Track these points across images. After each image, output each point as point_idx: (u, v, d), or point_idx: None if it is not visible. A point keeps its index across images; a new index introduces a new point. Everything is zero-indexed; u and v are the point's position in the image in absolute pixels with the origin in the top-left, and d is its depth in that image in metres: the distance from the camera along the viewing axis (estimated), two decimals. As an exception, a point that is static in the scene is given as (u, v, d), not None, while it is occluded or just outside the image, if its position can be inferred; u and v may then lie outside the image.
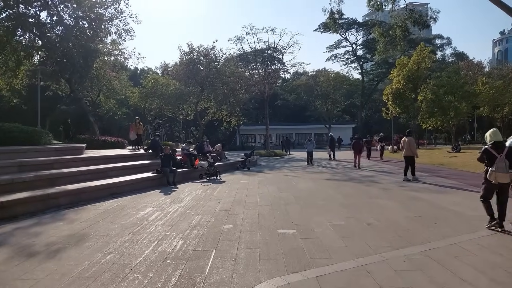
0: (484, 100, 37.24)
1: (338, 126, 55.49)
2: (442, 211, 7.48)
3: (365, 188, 10.96)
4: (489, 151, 5.97)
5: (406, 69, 34.34)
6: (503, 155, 5.80)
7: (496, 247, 5.15)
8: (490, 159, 5.94)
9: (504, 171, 5.73)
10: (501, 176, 5.75)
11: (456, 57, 65.95)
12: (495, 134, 6.11)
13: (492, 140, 6.04)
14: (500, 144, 5.99)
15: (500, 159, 5.78)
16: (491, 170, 5.84)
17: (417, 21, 20.28)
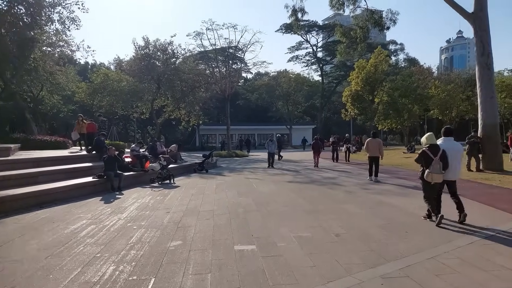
0: (436, 103, 38.87)
1: (299, 127, 55.74)
2: (411, 218, 6.96)
3: (328, 192, 10.35)
4: (426, 153, 6.31)
5: (364, 72, 34.92)
6: (438, 157, 6.17)
7: (477, 260, 4.60)
8: (427, 160, 6.29)
9: (439, 172, 6.18)
10: (436, 176, 6.20)
11: (409, 62, 69.03)
12: (430, 137, 6.48)
13: (428, 143, 6.40)
14: (435, 146, 6.33)
15: (435, 160, 6.17)
16: (428, 171, 6.22)
17: (377, 22, 20.36)
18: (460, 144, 6.88)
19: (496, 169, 13.46)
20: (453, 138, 6.65)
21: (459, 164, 6.55)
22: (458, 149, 6.58)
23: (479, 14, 14.21)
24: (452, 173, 6.45)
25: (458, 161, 6.51)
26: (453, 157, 6.34)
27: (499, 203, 8.04)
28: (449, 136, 6.59)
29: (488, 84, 14.11)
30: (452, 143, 6.56)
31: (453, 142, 6.64)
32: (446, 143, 6.51)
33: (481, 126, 14.18)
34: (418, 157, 6.53)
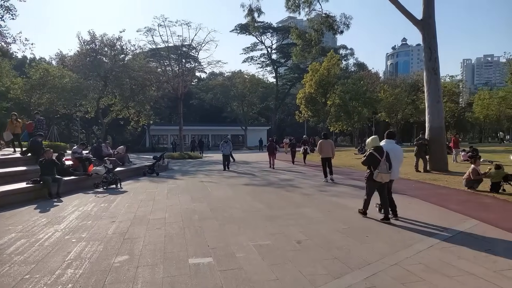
0: (384, 106, 40.84)
1: (253, 128, 55.74)
2: (369, 221, 6.87)
3: (286, 195, 10.12)
4: (374, 155, 6.60)
5: (318, 75, 35.68)
6: (384, 158, 6.52)
7: (439, 266, 4.52)
8: (374, 162, 6.58)
9: (386, 172, 6.53)
10: (385, 176, 6.52)
11: (358, 67, 72.21)
12: (375, 140, 6.80)
13: (373, 145, 6.71)
14: (379, 148, 6.65)
15: (382, 161, 6.50)
16: (377, 172, 6.52)
17: (331, 26, 20.73)
18: (399, 146, 7.38)
19: (441, 170, 14.16)
20: (395, 140, 7.20)
21: (399, 164, 7.08)
22: (399, 151, 7.09)
23: (428, 21, 14.89)
24: (394, 173, 6.92)
25: (398, 162, 6.99)
26: (394, 158, 6.77)
27: (449, 203, 8.29)
28: (391, 138, 7.09)
29: (435, 89, 14.83)
30: (393, 145, 7.02)
31: (394, 144, 7.14)
32: (388, 145, 6.90)
33: (428, 128, 14.85)
34: (366, 159, 6.76)
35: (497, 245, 5.24)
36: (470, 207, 7.85)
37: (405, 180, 12.68)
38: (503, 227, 6.15)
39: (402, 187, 10.88)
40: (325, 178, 12.66)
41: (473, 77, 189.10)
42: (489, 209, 7.69)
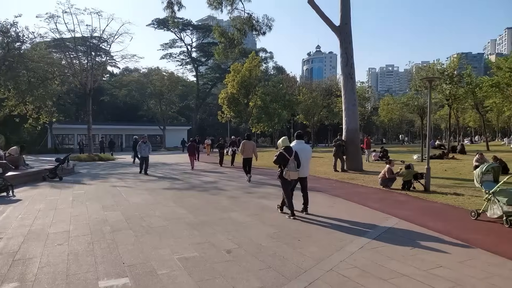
0: (303, 109, 42.67)
1: (173, 128, 53.59)
2: (299, 223, 6.69)
3: (212, 198, 9.53)
4: (284, 154, 7.04)
5: (239, 75, 35.66)
6: (292, 157, 6.99)
7: (373, 268, 4.43)
8: (284, 160, 7.01)
9: (294, 170, 7.00)
10: (293, 173, 7.00)
11: (277, 70, 74.61)
12: (285, 141, 7.28)
13: (284, 145, 7.17)
14: (289, 148, 7.14)
15: (291, 160, 6.97)
16: (286, 170, 6.95)
17: (254, 27, 20.72)
18: (309, 146, 7.94)
19: (357, 169, 15.01)
20: (304, 141, 7.80)
21: (308, 162, 7.65)
22: (308, 150, 7.68)
23: (345, 27, 15.68)
24: (304, 170, 7.47)
25: (308, 160, 7.58)
26: (303, 157, 7.31)
27: (369, 202, 8.60)
28: (300, 139, 7.67)
29: (351, 93, 15.69)
30: (302, 145, 7.60)
31: (304, 144, 7.73)
32: (298, 145, 7.48)
33: (345, 130, 15.65)
34: (277, 158, 7.13)
35: (419, 242, 5.40)
36: (388, 205, 8.23)
37: (326, 179, 13.10)
38: (420, 223, 6.46)
39: (325, 187, 11.16)
40: (247, 177, 12.82)
41: (377, 84, 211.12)
42: (404, 206, 8.15)
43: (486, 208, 6.46)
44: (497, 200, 6.16)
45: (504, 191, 6.12)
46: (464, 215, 7.04)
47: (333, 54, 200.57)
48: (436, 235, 5.74)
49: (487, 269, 4.29)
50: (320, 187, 11.19)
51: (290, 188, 7.23)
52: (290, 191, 7.32)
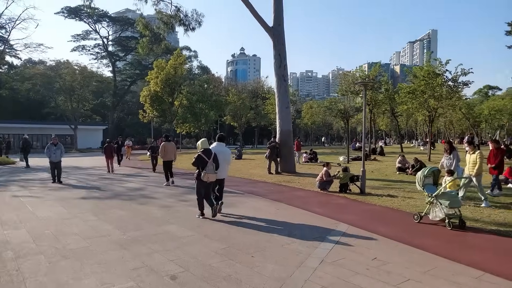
0: (232, 110, 42.16)
1: (86, 128, 48.78)
2: (248, 235, 6.05)
3: (141, 209, 8.35)
4: (202, 157, 7.03)
5: (164, 73, 33.74)
6: (211, 159, 7.02)
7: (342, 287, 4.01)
8: (202, 163, 7.00)
9: (213, 172, 7.03)
10: (212, 176, 7.02)
11: (202, 70, 73.24)
12: (204, 143, 7.29)
13: (203, 147, 7.17)
14: (208, 150, 7.17)
15: (210, 162, 6.99)
16: (204, 172, 6.93)
17: (182, 21, 19.53)
18: (228, 149, 8.06)
19: (290, 171, 14.94)
20: (225, 143, 7.95)
21: (227, 165, 7.78)
22: (227, 153, 7.76)
23: (278, 28, 15.53)
24: (223, 172, 7.57)
25: (227, 162, 7.71)
26: (222, 159, 7.40)
27: (312, 206, 8.35)
28: (221, 141, 7.77)
29: (284, 95, 15.60)
30: (222, 148, 7.68)
31: (224, 146, 7.82)
32: (218, 147, 7.57)
33: (279, 132, 15.50)
34: (195, 160, 7.07)
35: (377, 251, 5.17)
36: (332, 210, 8.06)
37: (262, 182, 12.70)
38: (369, 229, 6.32)
39: (263, 191, 10.70)
40: (166, 182, 12.21)
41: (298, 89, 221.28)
42: (348, 210, 8.05)
43: (428, 211, 6.59)
44: (439, 203, 6.29)
45: (446, 194, 6.28)
46: (406, 218, 7.14)
47: (257, 57, 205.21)
48: (391, 242, 5.59)
49: (453, 278, 4.15)
50: (258, 191, 10.71)
51: (205, 190, 7.19)
52: (208, 193, 7.36)
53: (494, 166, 9.24)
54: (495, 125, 41.89)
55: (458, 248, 5.28)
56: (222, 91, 49.59)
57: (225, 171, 7.78)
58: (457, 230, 6.09)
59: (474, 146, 8.63)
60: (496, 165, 9.22)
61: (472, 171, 8.28)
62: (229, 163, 7.93)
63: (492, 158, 9.41)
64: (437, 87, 17.82)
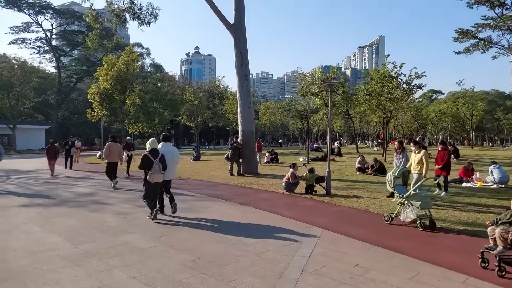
0: (189, 109, 40.94)
1: (26, 127, 44.88)
2: (218, 244, 5.57)
3: (94, 217, 7.51)
4: (148, 157, 6.84)
5: (115, 69, 31.83)
6: (158, 160, 6.85)
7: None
8: (148, 163, 6.82)
9: (159, 173, 6.86)
10: (157, 176, 6.84)
11: (155, 68, 70.73)
12: (153, 143, 7.11)
13: (151, 147, 7.00)
14: (155, 151, 6.99)
15: (156, 163, 6.82)
16: (150, 173, 6.75)
17: (137, 14, 18.41)
18: (176, 149, 8.00)
19: (253, 173, 14.60)
20: (171, 143, 7.86)
21: (175, 165, 7.58)
22: (175, 153, 7.59)
23: (239, 26, 15.13)
24: (170, 173, 7.37)
25: (175, 162, 7.53)
26: (170, 159, 7.23)
27: (281, 209, 8.05)
28: (167, 141, 7.55)
29: (246, 94, 15.23)
30: (169, 147, 7.52)
31: (171, 146, 7.70)
32: (165, 147, 7.36)
33: (241, 133, 15.09)
34: (141, 162, 6.90)
35: (356, 257, 4.95)
36: (301, 212, 7.81)
37: (225, 185, 12.21)
38: (342, 232, 6.14)
39: (227, 194, 10.23)
40: (112, 181, 11.68)
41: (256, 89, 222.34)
42: (317, 212, 7.85)
43: (399, 212, 6.56)
44: (410, 204, 6.27)
45: (417, 195, 6.27)
46: (376, 219, 7.08)
47: (212, 56, 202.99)
48: (367, 245, 5.41)
49: (440, 284, 4.02)
50: (222, 194, 10.23)
51: (154, 191, 7.00)
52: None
53: (441, 166, 9.50)
54: (439, 126, 45.02)
55: (434, 250, 5.23)
56: (177, 90, 48.11)
57: (173, 172, 7.56)
58: (428, 231, 6.09)
59: (419, 146, 8.70)
60: (443, 166, 9.48)
61: (416, 170, 8.29)
62: (177, 163, 7.74)
63: (439, 159, 9.69)
64: (393, 89, 18.54)
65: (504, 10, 18.29)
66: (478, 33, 19.58)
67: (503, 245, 4.20)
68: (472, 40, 19.89)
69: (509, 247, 4.16)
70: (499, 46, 19.19)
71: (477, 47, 20.04)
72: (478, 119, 40.55)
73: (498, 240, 4.27)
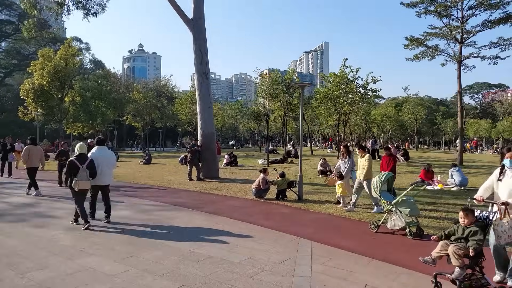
0: (137, 108, 38.53)
1: None
2: (203, 266, 4.81)
3: (40, 234, 6.27)
4: (74, 163, 6.56)
5: (52, 64, 28.86)
6: (85, 165, 6.58)
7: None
8: (74, 170, 6.51)
9: (86, 179, 6.56)
10: (83, 183, 6.52)
11: (95, 64, 66.29)
12: (82, 147, 6.85)
13: (79, 152, 6.74)
14: (83, 156, 6.71)
15: (82, 169, 6.53)
16: (76, 180, 6.45)
17: (81, 3, 16.58)
18: (112, 152, 7.81)
19: (213, 177, 13.82)
20: (107, 147, 7.66)
21: (111, 169, 7.29)
22: (110, 157, 7.36)
23: (198, 21, 14.27)
24: (106, 179, 7.09)
25: (110, 167, 7.26)
26: (105, 164, 6.99)
27: (257, 219, 7.48)
28: (101, 145, 7.32)
29: (206, 94, 14.39)
30: (104, 151, 7.25)
31: (106, 150, 7.42)
32: (99, 151, 7.08)
33: (201, 134, 14.22)
34: (67, 168, 6.62)
35: (362, 275, 4.53)
36: (280, 221, 7.30)
37: (186, 191, 11.31)
38: (331, 243, 5.73)
39: (192, 202, 9.39)
40: (35, 190, 10.30)
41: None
42: (297, 221, 7.38)
43: (386, 220, 6.32)
44: (399, 211, 6.05)
45: (406, 202, 6.06)
46: (360, 227, 6.80)
47: (157, 55, 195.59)
48: (366, 260, 5.01)
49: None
50: (187, 202, 9.36)
51: (82, 199, 6.68)
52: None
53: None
54: (383, 130, 47.65)
55: (438, 262, 4.98)
56: (121, 88, 45.30)
57: (109, 177, 7.23)
58: (418, 239, 5.91)
59: (364, 150, 8.51)
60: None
61: (362, 175, 8.09)
62: (113, 167, 7.49)
63: (384, 165, 9.47)
64: (351, 92, 18.93)
65: (451, 20, 19.66)
66: (426, 41, 20.77)
67: (459, 264, 3.71)
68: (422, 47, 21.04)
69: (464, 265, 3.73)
70: (445, 54, 20.54)
71: (425, 54, 21.25)
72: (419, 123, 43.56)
73: (453, 259, 3.76)
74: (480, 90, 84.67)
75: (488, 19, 19.05)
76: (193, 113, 33.68)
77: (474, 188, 10.61)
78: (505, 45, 19.04)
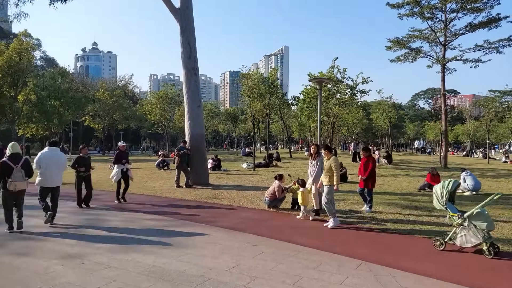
0: (102, 108, 35.45)
1: None
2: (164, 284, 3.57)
3: (27, 266, 4.61)
4: (6, 163, 6.33)
5: (3, 58, 25.66)
6: (20, 165, 6.37)
7: None
8: (7, 170, 6.26)
9: (22, 180, 6.36)
10: (20, 184, 6.33)
11: (46, 62, 61.73)
12: (14, 147, 6.62)
13: (11, 152, 6.52)
14: (16, 155, 6.52)
15: (17, 169, 6.32)
16: (10, 181, 6.22)
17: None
18: (62, 154, 7.66)
19: (203, 183, 12.41)
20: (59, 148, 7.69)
21: (61, 171, 7.21)
22: (60, 158, 7.24)
23: (186, 11, 12.85)
24: (55, 180, 7.05)
25: (60, 168, 7.17)
26: (53, 164, 6.97)
27: (289, 235, 6.28)
28: (53, 146, 7.29)
29: (195, 91, 12.95)
30: (55, 153, 7.18)
31: (57, 151, 7.32)
32: (49, 152, 7.07)
33: (189, 136, 12.74)
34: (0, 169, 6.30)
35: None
36: (320, 239, 6.14)
37: (180, 200, 9.85)
38: (409, 268, 4.70)
39: (202, 215, 7.89)
40: None
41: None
42: (336, 238, 6.27)
43: (454, 236, 5.40)
44: (473, 226, 5.16)
45: (482, 215, 5.18)
46: (419, 243, 5.86)
47: (113, 54, 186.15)
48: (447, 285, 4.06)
49: None
50: (193, 215, 7.90)
51: (12, 200, 6.40)
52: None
53: (365, 178, 8.19)
54: (354, 132, 48.27)
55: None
56: (79, 87, 41.88)
57: (59, 178, 7.19)
58: (499, 258, 5.07)
59: (330, 151, 7.23)
60: (368, 176, 8.16)
61: (325, 180, 6.95)
62: (63, 169, 7.29)
63: (362, 168, 8.39)
64: (342, 93, 18.36)
65: (436, 23, 19.73)
66: (408, 43, 20.75)
67: None
68: (404, 49, 21.02)
69: None
70: (429, 56, 20.65)
71: (407, 56, 21.26)
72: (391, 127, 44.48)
73: None
74: (434, 95, 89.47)
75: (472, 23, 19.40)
76: (162, 114, 31.63)
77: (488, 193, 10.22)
78: (489, 48, 19.45)
